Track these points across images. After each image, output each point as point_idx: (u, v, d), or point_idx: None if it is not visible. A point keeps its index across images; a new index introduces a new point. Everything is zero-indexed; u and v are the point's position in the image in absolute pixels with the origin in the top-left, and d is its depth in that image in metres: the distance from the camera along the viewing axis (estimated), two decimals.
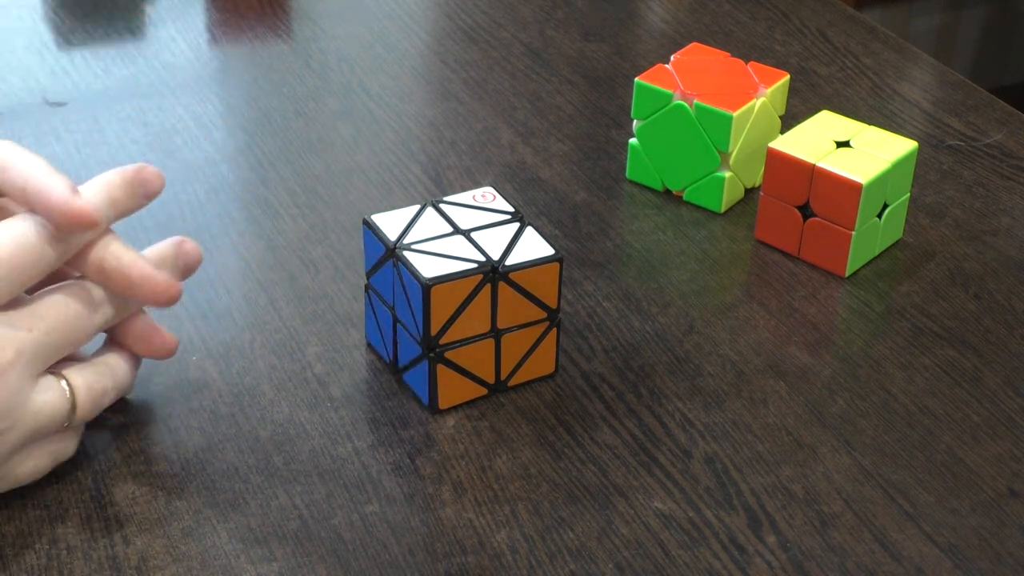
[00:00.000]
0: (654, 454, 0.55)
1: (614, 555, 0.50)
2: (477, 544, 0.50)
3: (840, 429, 0.56)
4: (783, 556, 0.50)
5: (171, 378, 0.57)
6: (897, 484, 0.54)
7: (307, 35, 0.86)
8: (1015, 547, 0.51)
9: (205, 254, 0.64)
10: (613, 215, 0.70)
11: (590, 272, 0.65)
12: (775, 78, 0.69)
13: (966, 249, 0.68)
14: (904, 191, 0.66)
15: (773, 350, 0.61)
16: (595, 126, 0.77)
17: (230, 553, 0.50)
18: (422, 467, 0.54)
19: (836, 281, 0.65)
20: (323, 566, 0.49)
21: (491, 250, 0.55)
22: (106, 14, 0.87)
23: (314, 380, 0.58)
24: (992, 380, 0.59)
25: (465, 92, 0.80)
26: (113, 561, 0.49)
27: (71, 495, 0.52)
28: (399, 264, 0.54)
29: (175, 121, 0.76)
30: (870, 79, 0.83)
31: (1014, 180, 0.73)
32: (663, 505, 0.52)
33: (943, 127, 0.78)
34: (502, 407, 0.57)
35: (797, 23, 0.89)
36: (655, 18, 0.92)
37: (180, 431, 0.55)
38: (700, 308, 0.63)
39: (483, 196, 0.58)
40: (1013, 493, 0.54)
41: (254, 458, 0.54)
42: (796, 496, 0.53)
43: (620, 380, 0.58)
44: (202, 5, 0.89)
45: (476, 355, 0.56)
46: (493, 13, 0.89)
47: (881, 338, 0.62)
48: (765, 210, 0.67)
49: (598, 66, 0.83)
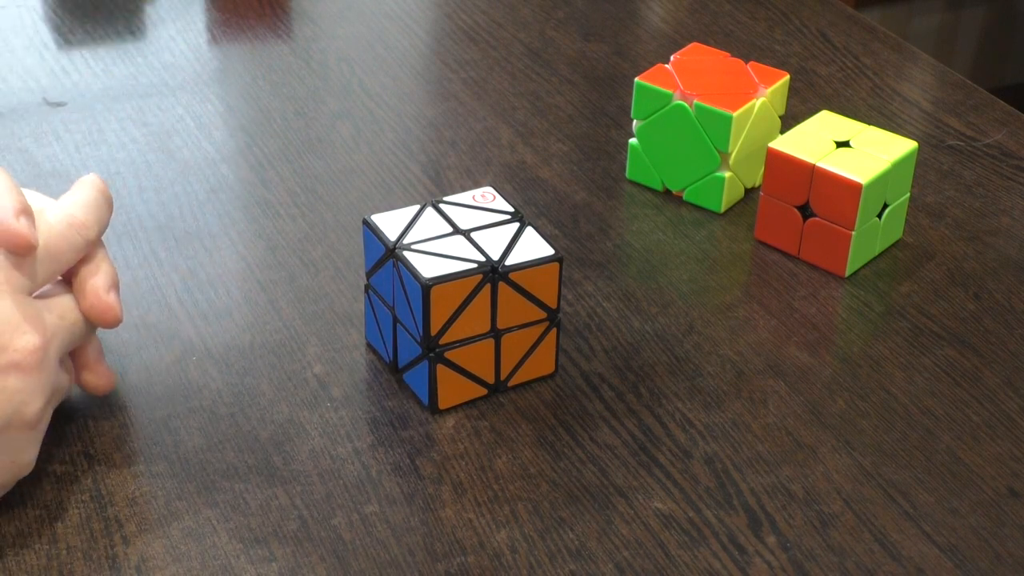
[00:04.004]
0: (654, 454, 0.55)
1: (614, 555, 0.50)
2: (477, 544, 0.50)
3: (840, 429, 0.56)
4: (783, 556, 0.50)
5: (171, 378, 0.57)
6: (897, 484, 0.54)
7: (307, 35, 0.86)
8: (1015, 547, 0.51)
9: (205, 254, 0.65)
10: (613, 215, 0.70)
11: (590, 272, 0.65)
12: (775, 78, 0.69)
13: (966, 249, 0.68)
14: (904, 191, 0.66)
15: (773, 350, 0.61)
16: (595, 126, 0.77)
17: (230, 553, 0.50)
18: (422, 467, 0.54)
19: (836, 281, 0.65)
20: (323, 566, 0.49)
21: (491, 250, 0.55)
22: (106, 14, 0.87)
23: (314, 380, 0.58)
24: (992, 380, 0.59)
25: (465, 92, 0.80)
26: (113, 561, 0.49)
27: (71, 495, 0.52)
28: (399, 264, 0.54)
29: (175, 121, 0.76)
30: (870, 79, 0.83)
31: (1014, 180, 0.73)
32: (663, 505, 0.52)
33: (943, 127, 0.78)
34: (502, 407, 0.57)
35: (797, 23, 0.89)
36: (655, 18, 0.92)
37: (180, 431, 0.55)
38: (700, 308, 0.63)
39: (483, 196, 0.58)
40: (1013, 493, 0.54)
41: (254, 458, 0.54)
42: (796, 496, 0.53)
43: (620, 380, 0.58)
44: (202, 5, 0.89)
45: (476, 355, 0.56)
46: (493, 13, 0.89)
47: (881, 338, 0.62)
48: (765, 210, 0.67)
49: (598, 66, 0.83)
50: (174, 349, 0.59)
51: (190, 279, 0.63)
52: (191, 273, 0.63)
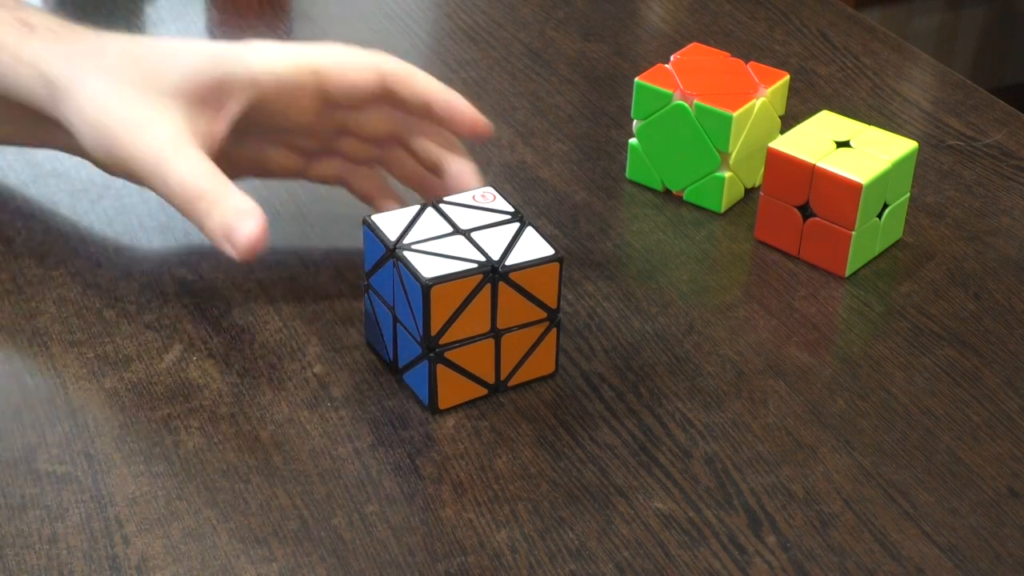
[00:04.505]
0: (654, 454, 0.55)
1: (614, 555, 0.50)
2: (477, 544, 0.50)
3: (840, 429, 0.56)
4: (783, 556, 0.50)
5: (171, 378, 0.57)
6: (897, 484, 0.54)
7: (307, 35, 0.86)
8: (1015, 547, 0.51)
9: (205, 254, 0.64)
10: (613, 215, 0.70)
11: (590, 272, 0.65)
12: (775, 78, 0.69)
13: (966, 249, 0.68)
14: (904, 191, 0.66)
15: (773, 350, 0.61)
16: (595, 126, 0.77)
17: (230, 553, 0.50)
18: (422, 467, 0.54)
19: (836, 281, 0.65)
20: (323, 566, 0.49)
21: (491, 250, 0.55)
22: (106, 14, 0.87)
23: (314, 380, 0.58)
24: (992, 380, 0.59)
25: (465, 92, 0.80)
26: (113, 561, 0.49)
27: (71, 495, 0.52)
28: (399, 264, 0.54)
29: None
30: (870, 79, 0.83)
31: (1014, 180, 0.73)
32: (663, 505, 0.52)
33: (943, 127, 0.78)
34: (502, 407, 0.57)
35: (797, 23, 0.89)
36: (655, 18, 0.92)
37: (180, 431, 0.55)
38: (700, 308, 0.63)
39: (483, 196, 0.58)
40: (1013, 493, 0.54)
41: (254, 458, 0.54)
42: (796, 496, 0.53)
43: (620, 380, 0.58)
44: (202, 5, 0.89)
45: (476, 355, 0.56)
46: (493, 13, 0.89)
47: (881, 338, 0.62)
48: (765, 210, 0.67)
49: (598, 66, 0.83)
50: (174, 349, 0.59)
51: (190, 279, 0.63)
52: (191, 273, 0.63)
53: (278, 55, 0.61)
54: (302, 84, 0.60)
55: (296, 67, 0.60)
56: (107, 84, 0.58)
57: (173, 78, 0.59)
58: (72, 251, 0.64)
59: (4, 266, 0.63)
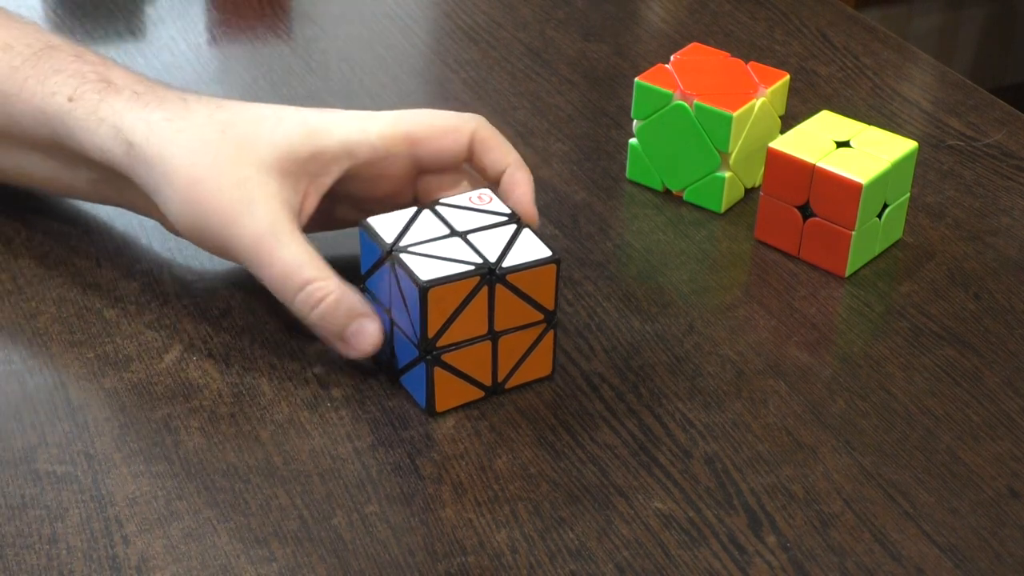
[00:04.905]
0: (654, 454, 0.55)
1: (614, 555, 0.50)
2: (477, 544, 0.50)
3: (840, 429, 0.56)
4: (783, 556, 0.50)
5: (171, 378, 0.57)
6: (897, 484, 0.54)
7: (307, 35, 0.86)
8: (1015, 547, 0.51)
9: (205, 254, 0.64)
10: (613, 215, 0.70)
11: (590, 272, 0.65)
12: (775, 78, 0.69)
13: (966, 249, 0.68)
14: (904, 191, 0.66)
15: (773, 350, 0.61)
16: (595, 126, 0.77)
17: (230, 553, 0.50)
18: (422, 467, 0.54)
19: (836, 281, 0.65)
20: (323, 566, 0.49)
21: (488, 252, 0.55)
22: (106, 14, 0.87)
23: (314, 380, 0.58)
24: (992, 380, 0.59)
25: (465, 92, 0.80)
26: (113, 561, 0.49)
27: (71, 495, 0.52)
28: (396, 266, 0.54)
29: None
30: (870, 79, 0.83)
31: (1014, 180, 0.73)
32: (663, 505, 0.52)
33: (943, 127, 0.78)
34: (502, 407, 0.57)
35: (797, 23, 0.89)
36: (655, 18, 0.92)
37: (180, 431, 0.55)
38: (700, 308, 0.63)
39: (480, 198, 0.58)
40: (1013, 493, 0.54)
41: (254, 458, 0.54)
42: (796, 496, 0.53)
43: (620, 380, 0.58)
44: (202, 5, 0.89)
45: (473, 357, 0.56)
46: (493, 13, 0.89)
47: (881, 338, 0.62)
48: (765, 210, 0.67)
49: (598, 66, 0.83)
50: (174, 349, 0.59)
51: (190, 279, 0.63)
52: (191, 272, 0.63)
53: (370, 124, 0.59)
54: (396, 153, 0.59)
55: (391, 136, 0.59)
56: (197, 157, 0.56)
57: (266, 152, 0.57)
58: (72, 251, 0.64)
59: (4, 266, 0.63)
